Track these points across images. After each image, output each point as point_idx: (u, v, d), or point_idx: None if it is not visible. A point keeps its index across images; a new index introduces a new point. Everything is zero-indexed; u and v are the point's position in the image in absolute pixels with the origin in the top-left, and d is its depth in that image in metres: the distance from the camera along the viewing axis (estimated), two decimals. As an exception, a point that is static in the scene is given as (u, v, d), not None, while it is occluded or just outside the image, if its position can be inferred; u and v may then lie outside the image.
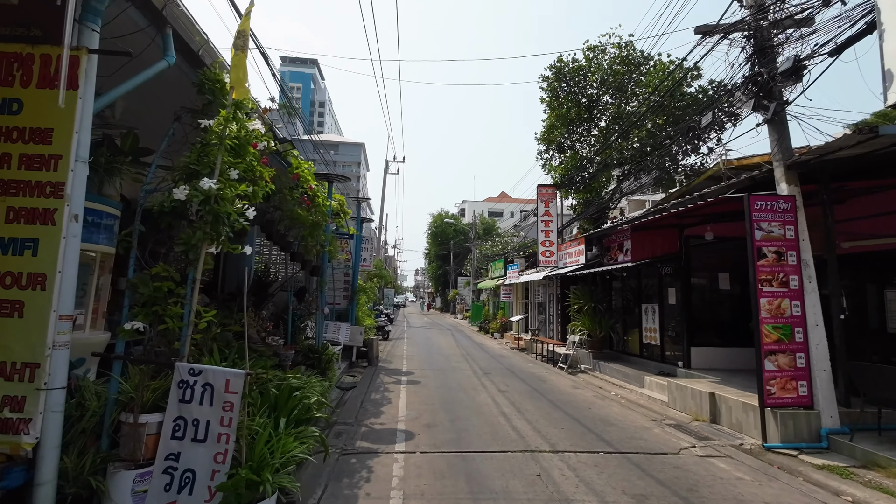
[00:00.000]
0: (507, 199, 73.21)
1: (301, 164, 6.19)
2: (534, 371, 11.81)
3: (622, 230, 11.28)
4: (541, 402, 8.03)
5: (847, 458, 5.36)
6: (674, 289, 10.18)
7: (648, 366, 10.61)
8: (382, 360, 12.76)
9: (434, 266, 55.69)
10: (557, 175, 15.75)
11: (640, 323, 11.36)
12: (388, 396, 8.10)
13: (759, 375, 5.95)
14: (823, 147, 5.89)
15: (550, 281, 16.76)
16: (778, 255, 6.21)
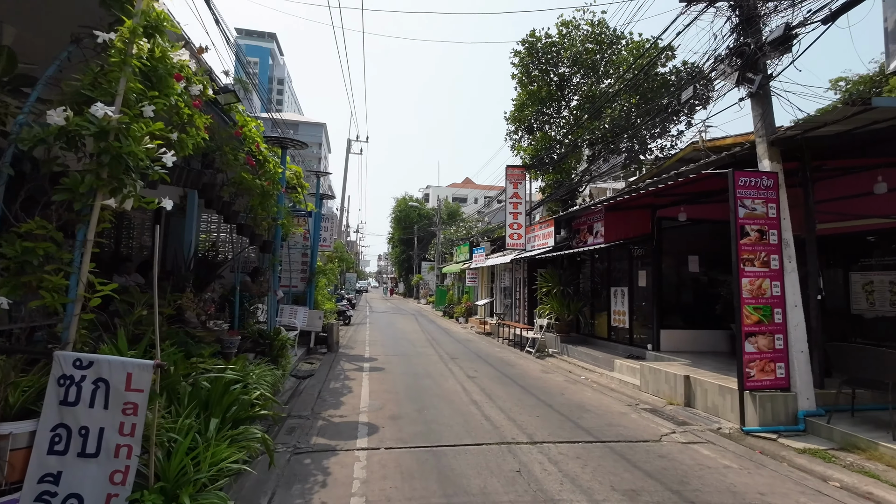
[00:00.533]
0: (472, 185, 72.96)
1: (248, 122, 5.34)
2: (501, 355, 11.47)
3: (594, 211, 11.01)
4: (512, 387, 7.64)
5: (825, 440, 5.24)
6: (644, 271, 10.02)
7: (617, 349, 10.48)
8: (343, 346, 12.04)
9: (397, 251, 54.77)
10: (527, 156, 15.34)
11: (609, 306, 11.20)
12: (349, 385, 7.45)
13: (739, 358, 5.75)
14: (810, 120, 5.67)
15: (518, 264, 16.47)
16: (760, 233, 6.00)
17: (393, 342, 13.28)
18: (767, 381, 5.75)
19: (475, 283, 21.54)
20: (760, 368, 5.76)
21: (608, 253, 11.34)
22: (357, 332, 15.60)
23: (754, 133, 6.47)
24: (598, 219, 11.19)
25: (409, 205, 50.63)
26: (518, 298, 16.54)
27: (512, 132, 16.58)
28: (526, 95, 14.74)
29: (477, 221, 44.03)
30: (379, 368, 9.02)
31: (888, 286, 7.20)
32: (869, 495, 3.92)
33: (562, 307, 12.02)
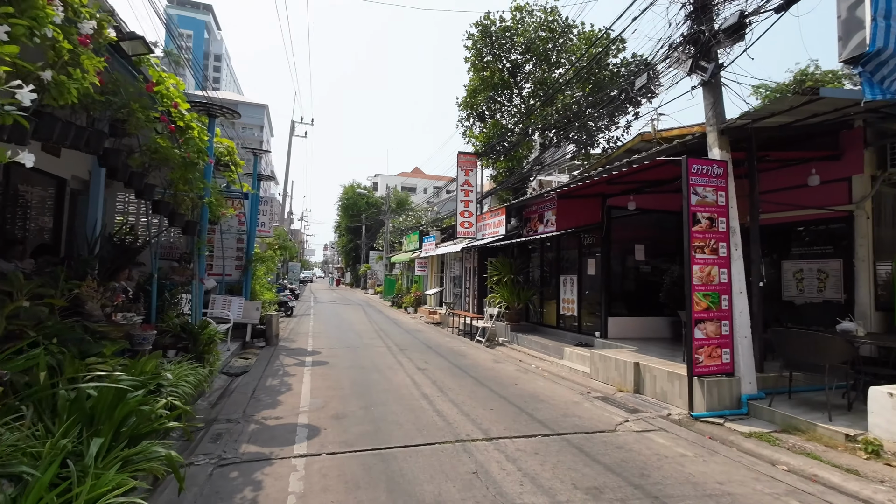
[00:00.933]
0: (421, 175, 72.30)
1: (165, 79, 4.54)
2: (452, 345, 11.19)
3: (546, 199, 10.93)
4: (464, 379, 7.35)
5: (767, 423, 5.39)
6: (593, 259, 10.09)
7: (566, 337, 10.53)
8: (284, 339, 11.23)
9: (344, 240, 53.18)
10: (479, 144, 15.07)
11: (558, 294, 11.24)
12: (288, 382, 6.82)
13: (689, 344, 5.79)
14: (761, 110, 5.74)
15: (468, 253, 16.27)
16: (710, 221, 6.05)
17: (338, 334, 12.61)
18: (714, 367, 5.85)
19: (425, 273, 21.16)
20: (708, 354, 5.84)
21: (558, 241, 11.35)
22: (300, 324, 14.73)
23: (705, 122, 6.52)
24: (549, 207, 11.14)
25: (357, 192, 49.18)
26: (468, 287, 16.37)
27: (464, 118, 16.25)
28: (479, 80, 14.43)
29: (426, 211, 43.64)
30: (322, 362, 8.41)
31: (816, 274, 7.62)
32: (815, 477, 3.98)
33: (512, 296, 11.93)
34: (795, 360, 5.51)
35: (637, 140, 10.93)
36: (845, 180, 7.14)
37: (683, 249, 5.97)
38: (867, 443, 4.49)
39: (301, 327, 13.90)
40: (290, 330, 13.16)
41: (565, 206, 10.26)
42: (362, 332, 13.25)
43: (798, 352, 5.42)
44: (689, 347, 5.80)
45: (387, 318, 18.25)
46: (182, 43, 15.82)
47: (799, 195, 7.36)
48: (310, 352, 9.55)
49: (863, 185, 6.95)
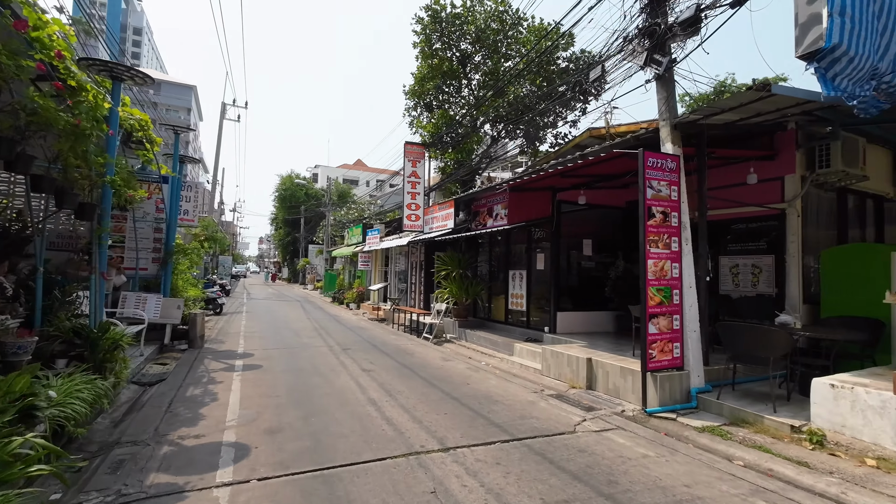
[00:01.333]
0: (363, 167, 70.54)
1: (47, 23, 3.62)
2: (398, 343, 10.68)
3: (496, 192, 10.70)
4: (413, 380, 6.89)
5: (716, 416, 5.44)
6: (543, 254, 10.00)
7: (514, 332, 10.40)
8: (211, 340, 10.13)
9: (282, 232, 50.57)
10: (427, 134, 14.59)
11: (507, 289, 11.09)
12: (213, 390, 5.98)
13: (643, 339, 5.73)
14: (713, 105, 5.78)
15: (415, 247, 15.78)
16: (664, 215, 6.03)
17: (274, 333, 11.64)
18: (665, 361, 5.84)
19: (368, 267, 20.39)
20: (660, 349, 5.82)
21: (508, 236, 11.19)
22: (230, 323, 13.49)
23: (658, 116, 6.51)
24: (499, 200, 10.93)
25: (296, 183, 46.87)
26: (414, 283, 15.89)
27: (411, 108, 15.69)
28: (427, 68, 13.93)
29: (369, 204, 42.52)
30: (255, 366, 7.57)
31: (751, 269, 7.97)
32: (770, 472, 3.96)
33: (461, 291, 11.62)
34: (742, 353, 5.62)
35: (586, 136, 11.00)
36: (778, 179, 7.47)
37: (639, 244, 5.89)
38: (811, 433, 4.61)
39: (231, 327, 12.72)
40: (219, 330, 11.97)
41: (517, 199, 10.07)
42: (301, 330, 12.35)
43: (745, 345, 5.53)
44: (643, 343, 5.74)
45: (327, 314, 17.32)
46: (95, 12, 13.82)
47: (738, 193, 7.63)
48: (241, 354, 8.62)
49: (794, 184, 7.31)
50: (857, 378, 4.72)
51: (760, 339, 5.36)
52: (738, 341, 5.59)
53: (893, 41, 4.51)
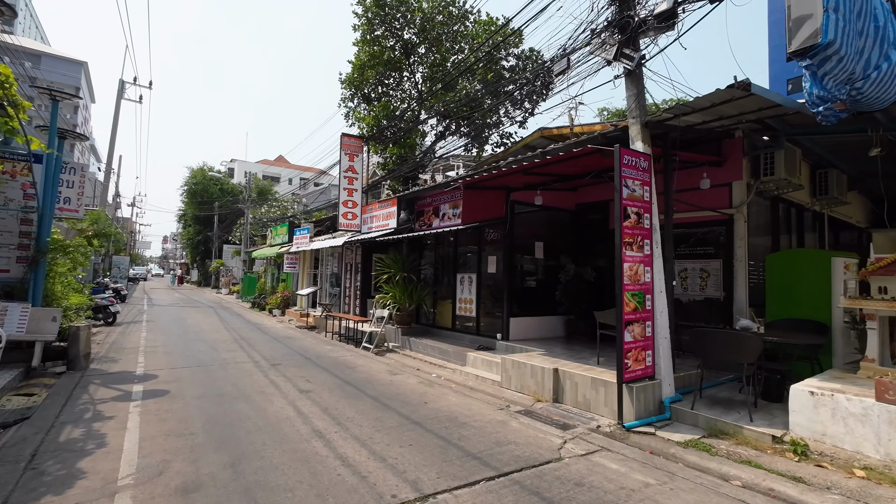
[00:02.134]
0: (286, 164, 66.61)
1: None
2: (335, 355, 9.56)
3: (446, 191, 10.02)
4: (362, 401, 5.94)
5: (691, 426, 5.19)
6: (495, 256, 9.50)
7: (463, 340, 9.78)
8: (100, 359, 8.27)
9: (191, 231, 45.75)
10: (366, 127, 13.54)
11: (455, 294, 10.44)
12: (99, 431, 4.58)
13: (619, 348, 5.35)
14: (688, 103, 5.58)
15: (350, 248, 14.60)
16: (638, 216, 5.73)
17: (183, 347, 9.90)
18: (639, 371, 5.52)
19: (295, 270, 18.69)
20: (635, 358, 5.48)
21: (456, 237, 10.56)
22: (127, 335, 11.37)
23: (628, 113, 6.24)
24: (447, 200, 10.27)
25: (209, 176, 42.69)
26: (349, 286, 14.69)
27: (347, 98, 14.55)
28: (367, 56, 12.91)
29: (293, 202, 39.92)
30: (160, 392, 6.12)
31: (699, 273, 8.08)
32: (771, 492, 3.68)
33: (404, 296, 10.77)
34: (713, 359, 5.45)
35: (536, 136, 10.73)
36: (726, 186, 7.62)
37: (615, 246, 5.52)
38: (794, 444, 4.45)
39: (128, 340, 10.67)
40: (111, 345, 9.95)
41: (471, 198, 9.47)
42: (217, 342, 10.69)
43: (717, 351, 5.36)
44: (619, 352, 5.36)
45: (248, 322, 15.47)
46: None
47: (689, 197, 7.67)
48: (140, 376, 7.02)
49: (741, 190, 7.48)
50: (834, 384, 4.67)
51: (734, 344, 5.20)
52: (710, 347, 5.42)
53: (867, 45, 4.50)
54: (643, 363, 5.57)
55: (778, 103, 5.28)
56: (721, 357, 5.35)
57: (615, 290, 5.47)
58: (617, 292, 5.45)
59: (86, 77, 78.84)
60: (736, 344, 5.20)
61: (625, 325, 5.39)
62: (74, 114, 72.54)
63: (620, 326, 5.37)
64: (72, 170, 8.51)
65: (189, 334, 11.84)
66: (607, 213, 9.63)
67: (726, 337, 5.32)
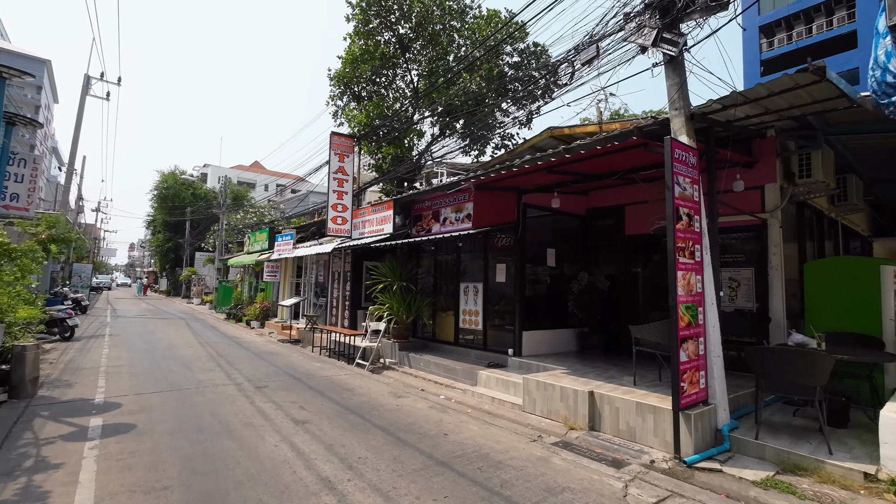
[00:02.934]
0: (261, 170, 64.84)
1: None
2: (328, 374, 8.57)
3: (448, 193, 9.24)
4: (371, 434, 5.04)
5: (759, 460, 4.50)
6: (504, 264, 8.75)
7: (469, 356, 8.95)
8: (51, 383, 7.07)
9: (161, 237, 43.48)
10: (357, 125, 12.68)
11: (457, 305, 9.62)
12: (40, 489, 3.54)
13: (675, 369, 4.65)
14: (743, 93, 4.98)
15: (338, 256, 13.62)
16: (689, 218, 5.07)
17: (152, 366, 8.73)
18: (693, 395, 4.83)
19: (276, 279, 17.50)
20: (690, 381, 4.79)
21: (457, 244, 9.77)
22: (86, 353, 10.07)
23: (669, 105, 5.61)
24: (448, 203, 9.50)
25: (181, 180, 40.77)
26: (336, 297, 13.67)
27: (336, 95, 13.69)
28: (359, 50, 12.09)
29: (270, 208, 38.48)
30: (124, 427, 5.06)
31: (728, 282, 7.51)
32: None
33: (402, 307, 9.87)
34: (781, 382, 4.79)
35: (545, 136, 10.10)
36: (758, 189, 7.10)
37: (667, 253, 4.84)
38: (893, 482, 3.81)
39: (87, 358, 9.40)
40: (67, 364, 8.70)
41: (480, 200, 8.71)
42: (192, 360, 9.53)
43: (785, 372, 4.71)
44: (674, 373, 4.65)
45: (225, 336, 14.22)
46: None
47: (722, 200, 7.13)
48: (99, 405, 5.91)
49: (774, 194, 6.97)
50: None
51: (803, 364, 4.56)
52: (773, 368, 4.76)
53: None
54: (697, 385, 4.87)
55: (846, 93, 4.73)
56: (788, 378, 4.70)
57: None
58: (671, 305, 4.75)
59: (49, 76, 75.28)
60: (805, 364, 4.56)
61: (680, 342, 4.69)
62: (36, 113, 68.91)
63: (676, 344, 4.67)
64: (21, 161, 7.34)
65: (158, 350, 10.61)
66: (621, 218, 9.05)
67: (794, 356, 4.68)
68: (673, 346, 4.69)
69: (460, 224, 9.10)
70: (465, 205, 9.13)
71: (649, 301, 8.66)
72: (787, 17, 36.60)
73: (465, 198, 9.01)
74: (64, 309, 12.29)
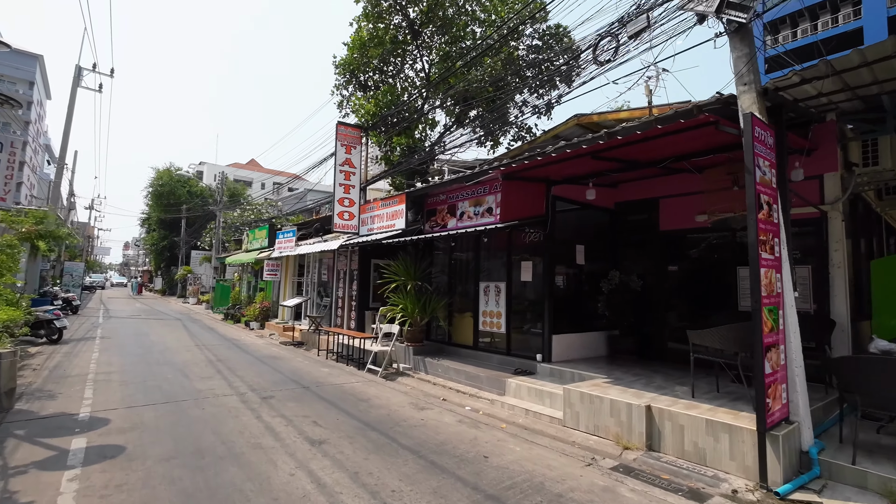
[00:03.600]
0: (258, 168, 64.05)
1: None
2: (338, 382, 7.86)
3: (466, 186, 8.54)
4: (400, 458, 4.33)
5: (860, 490, 3.82)
6: (530, 262, 8.08)
7: (491, 360, 8.27)
8: (32, 393, 6.32)
9: (156, 236, 42.57)
10: (366, 116, 11.96)
11: (476, 306, 8.93)
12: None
13: (760, 382, 3.97)
14: (835, 61, 4.30)
15: (342, 255, 12.89)
16: (769, 207, 4.40)
17: (145, 373, 7.99)
18: (777, 413, 4.15)
19: (276, 278, 16.74)
20: (773, 395, 4.12)
21: (477, 240, 9.07)
22: (73, 357, 9.31)
23: (736, 80, 4.93)
24: (466, 196, 8.81)
25: (177, 177, 39.91)
26: (342, 297, 12.93)
27: (342, 84, 12.96)
28: (368, 35, 11.36)
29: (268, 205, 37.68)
30: (112, 450, 4.34)
31: (779, 282, 6.85)
32: None
33: (416, 308, 9.16)
34: (883, 396, 4.12)
35: (571, 124, 9.43)
36: (817, 178, 6.44)
37: (748, 246, 4.16)
38: None
39: (74, 363, 8.65)
40: (52, 371, 7.94)
41: (508, 191, 8.00)
42: (189, 365, 8.79)
43: (887, 385, 4.04)
44: (758, 387, 3.98)
45: (223, 338, 13.47)
46: None
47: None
48: (84, 422, 5.17)
49: (835, 184, 6.31)
50: None
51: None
52: (875, 381, 4.10)
53: None
54: (780, 401, 4.20)
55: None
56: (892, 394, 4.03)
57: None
58: (753, 308, 4.07)
59: (41, 71, 74.04)
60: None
61: (765, 351, 4.01)
62: (28, 109, 67.60)
63: (760, 353, 3.99)
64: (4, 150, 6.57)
65: (152, 355, 9.85)
66: (655, 212, 8.37)
67: None
68: (757, 356, 4.02)
69: (480, 219, 8.41)
70: (485, 198, 8.44)
71: (687, 302, 8.01)
72: (792, 14, 36.15)
73: (485, 190, 8.32)
74: (52, 310, 11.51)
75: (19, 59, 67.90)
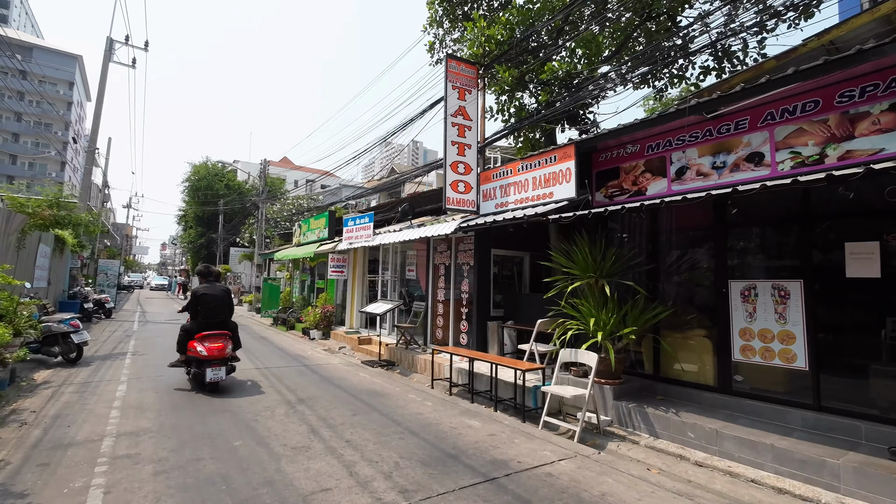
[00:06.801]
0: (290, 165, 62.18)
1: None
2: (513, 454, 4.43)
3: (731, 114, 4.98)
4: None
5: None
6: (873, 244, 4.46)
7: (788, 415, 4.71)
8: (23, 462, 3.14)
9: (193, 233, 40.67)
10: (486, 45, 8.57)
11: (728, 319, 5.36)
12: None
13: None
14: None
15: (443, 243, 9.54)
16: None
17: (195, 435, 4.80)
18: None
19: (342, 275, 13.55)
20: None
21: (720, 211, 5.51)
22: (90, 394, 6.27)
23: None
24: (694, 139, 5.27)
25: (215, 170, 37.84)
26: (442, 301, 9.55)
27: (436, 20, 9.71)
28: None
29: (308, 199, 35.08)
30: None
31: None
32: None
33: (608, 318, 5.65)
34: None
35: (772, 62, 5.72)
36: None
37: None
38: None
39: (87, 410, 5.56)
40: (46, 431, 4.84)
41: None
42: (260, 414, 5.58)
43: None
44: None
45: (285, 354, 10.35)
46: None
47: None
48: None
49: None
50: None
51: None
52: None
53: None
54: None
55: None
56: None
57: None
58: None
59: (81, 72, 74.45)
60: None
61: None
62: (68, 110, 67.77)
63: None
64: None
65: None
66: None
67: None
68: None
69: (731, 174, 4.86)
70: (740, 138, 4.91)
71: None
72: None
73: (740, 126, 4.76)
74: (68, 320, 8.59)
75: (59, 59, 68.21)
